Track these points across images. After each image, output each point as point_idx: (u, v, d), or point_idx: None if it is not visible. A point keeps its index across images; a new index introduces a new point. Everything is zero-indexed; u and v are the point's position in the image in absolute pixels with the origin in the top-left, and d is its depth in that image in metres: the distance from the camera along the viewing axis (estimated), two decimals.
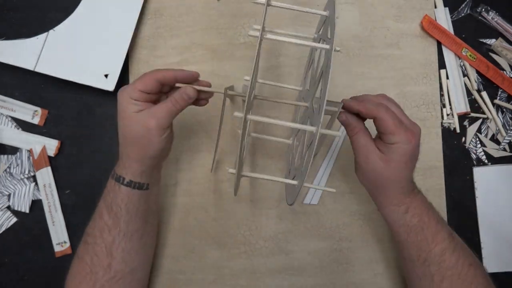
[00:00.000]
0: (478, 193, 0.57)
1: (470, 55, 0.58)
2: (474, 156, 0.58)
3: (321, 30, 0.43)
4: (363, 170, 0.44)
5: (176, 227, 0.56)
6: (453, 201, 0.57)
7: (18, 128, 0.57)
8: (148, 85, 0.43)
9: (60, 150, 0.57)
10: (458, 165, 0.58)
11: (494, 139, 0.58)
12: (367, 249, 0.56)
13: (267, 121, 0.38)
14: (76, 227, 0.56)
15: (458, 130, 0.58)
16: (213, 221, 0.57)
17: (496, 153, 0.58)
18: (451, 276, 0.43)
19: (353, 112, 0.43)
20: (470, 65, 0.59)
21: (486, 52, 0.59)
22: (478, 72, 0.59)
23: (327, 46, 0.36)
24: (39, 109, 0.57)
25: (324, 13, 0.39)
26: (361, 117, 0.43)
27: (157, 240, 0.56)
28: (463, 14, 0.60)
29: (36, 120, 0.57)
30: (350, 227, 0.56)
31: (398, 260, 0.55)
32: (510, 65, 0.59)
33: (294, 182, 0.41)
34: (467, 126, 0.58)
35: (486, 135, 0.58)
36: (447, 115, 0.58)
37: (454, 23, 0.59)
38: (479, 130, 0.58)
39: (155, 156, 0.44)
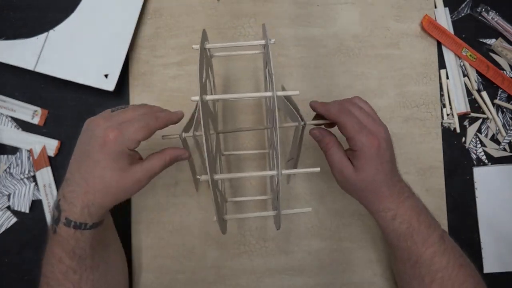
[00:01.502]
0: (478, 193, 0.57)
1: (470, 55, 0.58)
2: (474, 156, 0.58)
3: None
4: (341, 184, 0.45)
5: (176, 227, 0.56)
6: (453, 201, 0.57)
7: (18, 128, 0.57)
8: (147, 136, 0.39)
9: (60, 150, 0.57)
10: (458, 165, 0.58)
11: (494, 139, 0.58)
12: (367, 249, 0.56)
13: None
14: None
15: (458, 130, 0.58)
16: (213, 221, 0.56)
17: (496, 153, 0.58)
18: (442, 277, 0.43)
19: (317, 114, 0.44)
20: (470, 65, 0.59)
21: (486, 52, 0.59)
22: (478, 72, 0.59)
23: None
24: (39, 109, 0.57)
25: (262, 42, 0.41)
26: (332, 131, 0.44)
27: (157, 240, 0.56)
28: (463, 14, 0.60)
29: (36, 120, 0.57)
30: (350, 227, 0.56)
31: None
32: (510, 65, 0.59)
33: (272, 213, 0.42)
34: (467, 126, 0.58)
35: (486, 135, 0.58)
36: (447, 115, 0.58)
37: (454, 23, 0.59)
38: (479, 130, 0.58)
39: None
